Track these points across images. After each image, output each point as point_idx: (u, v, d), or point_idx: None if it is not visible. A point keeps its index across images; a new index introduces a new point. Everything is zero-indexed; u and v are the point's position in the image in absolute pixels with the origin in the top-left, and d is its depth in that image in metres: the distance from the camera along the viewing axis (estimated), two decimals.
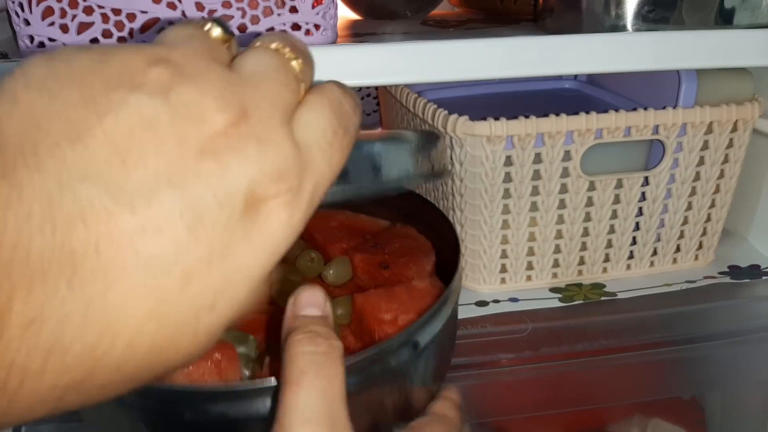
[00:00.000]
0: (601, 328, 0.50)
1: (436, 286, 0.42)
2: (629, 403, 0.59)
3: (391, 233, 0.48)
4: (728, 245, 0.62)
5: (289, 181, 0.18)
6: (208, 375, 0.33)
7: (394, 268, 0.43)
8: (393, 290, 0.40)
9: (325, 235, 0.48)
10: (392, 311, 0.38)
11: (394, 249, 0.45)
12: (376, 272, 0.44)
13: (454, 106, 0.51)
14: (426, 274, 0.43)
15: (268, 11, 0.42)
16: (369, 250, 0.45)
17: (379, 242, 0.46)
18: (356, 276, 0.45)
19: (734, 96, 0.53)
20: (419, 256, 0.44)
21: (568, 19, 0.49)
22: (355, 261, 0.45)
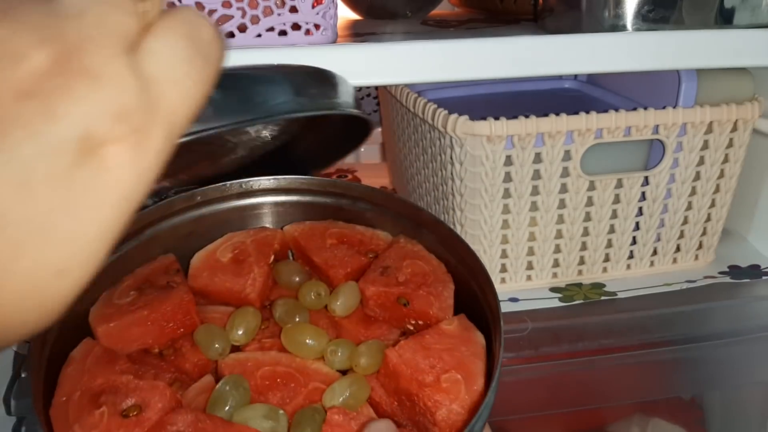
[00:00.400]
0: (601, 327, 0.50)
1: (465, 327, 0.39)
2: (629, 403, 0.59)
3: (398, 251, 0.44)
4: (728, 245, 0.62)
5: (133, 121, 0.16)
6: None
7: (414, 304, 0.40)
8: (424, 339, 0.37)
9: (324, 258, 0.44)
10: (433, 371, 0.36)
11: (408, 276, 0.41)
12: (394, 307, 0.41)
13: (454, 106, 0.51)
14: (449, 309, 0.40)
15: (268, 11, 0.42)
16: (380, 279, 0.41)
17: (388, 264, 0.42)
18: (367, 307, 0.42)
19: (734, 96, 0.53)
20: (438, 286, 0.41)
21: (568, 19, 0.49)
22: (368, 293, 0.41)
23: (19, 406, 0.44)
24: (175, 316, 0.39)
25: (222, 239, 0.45)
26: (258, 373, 0.37)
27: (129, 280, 0.41)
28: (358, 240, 0.46)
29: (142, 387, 0.34)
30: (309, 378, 0.37)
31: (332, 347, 0.38)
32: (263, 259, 0.43)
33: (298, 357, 0.38)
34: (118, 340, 0.37)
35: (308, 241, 0.45)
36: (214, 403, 0.35)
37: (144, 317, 0.38)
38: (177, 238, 0.44)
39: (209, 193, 0.45)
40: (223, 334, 0.39)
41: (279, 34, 0.43)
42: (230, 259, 0.43)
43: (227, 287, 0.42)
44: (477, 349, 0.37)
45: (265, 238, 0.45)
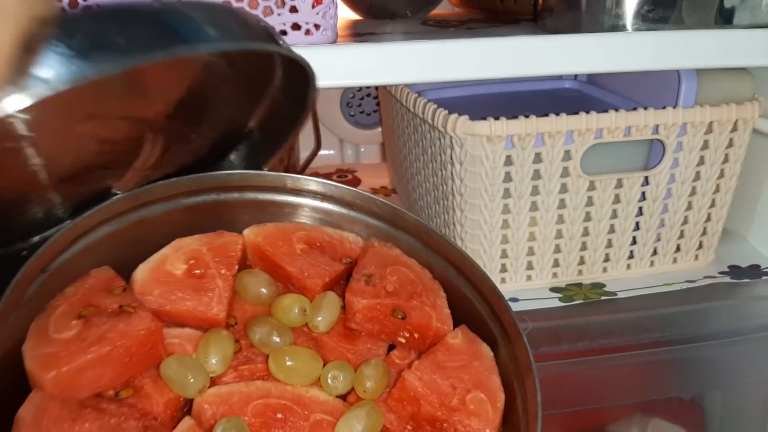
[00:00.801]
0: (601, 327, 0.50)
1: (469, 339, 0.37)
2: (629, 403, 0.59)
3: (376, 257, 0.40)
4: (728, 245, 0.62)
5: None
6: None
7: (412, 317, 0.37)
8: (437, 359, 0.35)
9: (299, 266, 0.39)
10: (456, 393, 0.33)
11: (395, 285, 0.38)
12: (387, 320, 0.37)
13: (454, 106, 0.51)
14: (448, 319, 0.38)
15: (268, 11, 0.42)
16: (368, 290, 0.38)
17: (371, 272, 0.39)
18: (353, 321, 0.37)
19: (734, 96, 0.53)
20: (430, 295, 0.38)
21: (568, 19, 0.49)
22: (357, 307, 0.37)
23: None
24: (141, 350, 0.32)
25: (169, 247, 0.38)
26: (248, 409, 0.32)
27: (62, 304, 0.33)
28: (328, 244, 0.41)
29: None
30: (308, 409, 0.33)
31: (333, 372, 0.34)
32: (227, 270, 0.37)
33: (289, 385, 0.34)
34: (69, 388, 0.30)
35: (276, 247, 0.39)
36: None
37: (105, 356, 0.31)
38: (112, 248, 0.37)
39: (155, 191, 0.38)
40: (198, 365, 0.33)
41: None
42: (185, 271, 0.37)
43: (188, 308, 0.35)
44: (488, 363, 0.36)
45: (226, 245, 0.39)
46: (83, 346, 0.31)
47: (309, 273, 0.38)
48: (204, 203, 0.40)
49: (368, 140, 0.91)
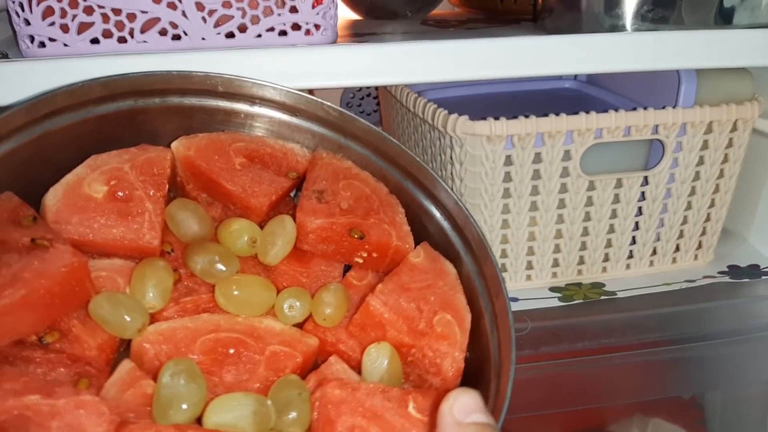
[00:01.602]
0: (600, 327, 0.50)
1: (432, 257, 0.34)
2: (629, 403, 0.59)
3: (327, 170, 0.35)
4: (728, 245, 0.62)
5: None
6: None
7: (371, 236, 0.34)
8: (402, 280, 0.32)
9: (240, 184, 0.34)
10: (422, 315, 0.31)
11: (350, 202, 0.34)
12: (345, 240, 0.34)
13: (454, 106, 0.51)
14: (409, 236, 0.35)
15: (268, 11, 0.42)
16: (321, 208, 0.34)
17: (322, 188, 0.35)
18: (305, 242, 0.33)
19: (734, 96, 0.53)
20: (388, 211, 0.35)
21: (567, 19, 0.49)
22: (310, 227, 0.33)
23: None
24: (66, 289, 0.27)
25: (84, 166, 0.32)
26: (195, 346, 0.28)
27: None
28: (270, 156, 0.36)
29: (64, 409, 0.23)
30: (263, 341, 0.30)
31: (289, 301, 0.31)
32: (157, 191, 0.32)
33: (240, 317, 0.30)
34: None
35: (211, 162, 0.34)
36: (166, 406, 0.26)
37: (21, 301, 0.26)
38: (13, 170, 0.31)
39: (58, 99, 0.32)
40: (134, 302, 0.29)
41: (279, 35, 0.43)
42: (107, 194, 0.31)
43: (115, 236, 0.30)
44: (452, 281, 0.34)
45: (151, 161, 0.33)
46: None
47: (252, 191, 0.34)
48: (119, 111, 0.34)
49: None
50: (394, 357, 0.31)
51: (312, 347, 0.31)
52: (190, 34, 0.41)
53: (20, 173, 0.31)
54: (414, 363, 0.31)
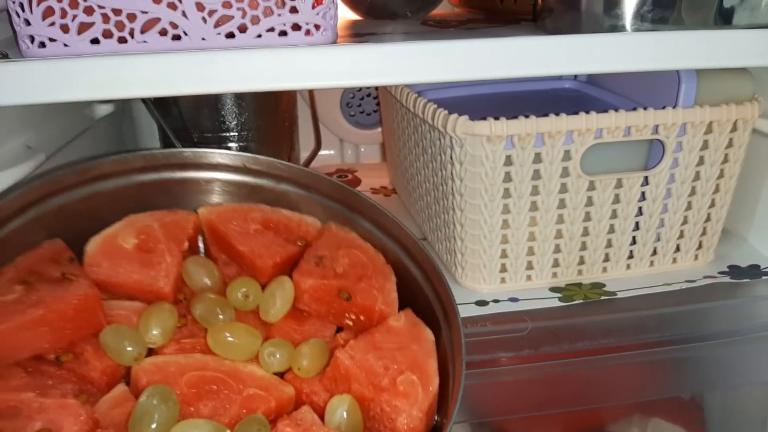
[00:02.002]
0: (600, 327, 0.50)
1: (412, 323, 0.37)
2: (629, 403, 0.59)
3: (331, 239, 0.40)
4: (728, 245, 0.62)
5: None
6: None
7: (357, 298, 0.37)
8: (375, 339, 0.35)
9: (250, 246, 0.39)
10: (388, 373, 0.33)
11: (345, 267, 0.38)
12: (333, 301, 0.37)
13: (454, 106, 0.51)
14: (394, 303, 0.38)
15: (268, 11, 0.42)
16: (316, 270, 0.38)
17: (323, 254, 0.39)
18: (300, 301, 0.37)
19: (734, 96, 0.53)
20: (379, 278, 0.38)
21: (567, 19, 0.49)
22: (304, 287, 0.37)
23: None
24: (79, 315, 0.33)
25: (122, 222, 0.39)
26: (183, 380, 0.32)
27: (9, 271, 0.34)
28: (284, 226, 0.41)
29: (50, 407, 0.28)
30: (243, 383, 0.33)
31: (269, 349, 0.35)
32: (176, 247, 0.38)
33: (227, 360, 0.34)
34: (5, 347, 0.31)
35: (228, 227, 0.40)
36: (138, 421, 0.29)
37: (39, 318, 0.32)
38: (65, 220, 0.38)
39: (106, 166, 0.39)
40: (137, 335, 0.34)
41: (279, 35, 0.43)
42: (135, 246, 0.38)
43: (135, 280, 0.36)
44: (428, 347, 0.36)
45: (176, 222, 0.39)
46: (21, 308, 0.31)
47: (259, 253, 0.38)
48: (157, 180, 0.41)
49: (368, 140, 0.91)
50: (353, 408, 0.33)
51: (287, 395, 0.34)
52: (190, 34, 0.41)
53: (69, 223, 0.37)
54: (375, 418, 0.33)
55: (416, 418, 0.33)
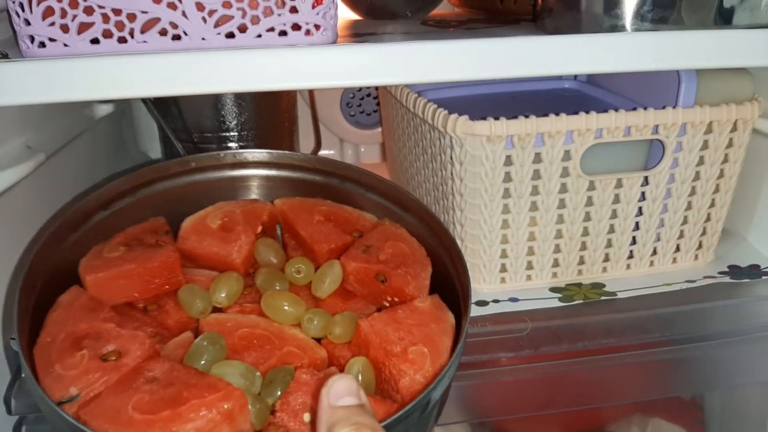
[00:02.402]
0: (600, 327, 0.50)
1: (437, 306, 0.40)
2: (629, 403, 0.59)
3: (382, 233, 0.45)
4: (728, 245, 0.62)
5: None
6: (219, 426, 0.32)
7: (392, 281, 0.42)
8: (397, 314, 0.39)
9: (310, 233, 0.45)
10: (401, 343, 0.37)
11: (388, 255, 0.43)
12: (372, 283, 0.42)
13: (454, 106, 0.51)
14: (425, 289, 0.42)
15: (268, 11, 0.42)
16: (362, 256, 0.43)
17: (371, 244, 0.44)
18: (347, 282, 0.43)
19: (734, 96, 0.53)
20: (416, 267, 0.43)
21: (567, 19, 0.49)
22: (349, 269, 0.43)
23: (20, 405, 0.44)
24: (162, 272, 0.41)
25: (213, 207, 0.47)
26: (236, 333, 0.38)
27: (119, 237, 0.43)
28: (344, 219, 0.47)
29: (123, 335, 0.36)
30: (284, 342, 0.39)
31: (309, 315, 0.40)
32: (251, 229, 0.45)
33: (276, 322, 0.40)
34: (105, 291, 0.39)
35: (297, 216, 0.46)
36: (190, 356, 0.36)
37: (131, 270, 0.40)
38: (168, 201, 0.46)
39: (203, 161, 0.47)
40: (206, 294, 0.41)
41: (279, 35, 0.43)
42: (219, 225, 0.45)
43: (214, 251, 0.44)
44: (446, 327, 0.39)
45: (254, 210, 0.47)
46: (119, 262, 0.40)
47: (317, 238, 0.45)
48: (245, 176, 0.48)
49: (368, 140, 0.91)
50: (367, 368, 0.37)
51: (319, 356, 0.39)
52: (190, 34, 0.41)
53: (171, 205, 0.46)
54: (385, 380, 0.37)
55: (417, 382, 0.36)
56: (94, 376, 0.33)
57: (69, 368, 0.34)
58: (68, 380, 0.33)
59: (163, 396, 0.32)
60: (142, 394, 0.33)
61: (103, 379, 0.34)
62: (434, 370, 0.37)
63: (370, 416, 0.28)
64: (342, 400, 0.29)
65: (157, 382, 0.33)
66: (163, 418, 0.31)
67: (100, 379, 0.33)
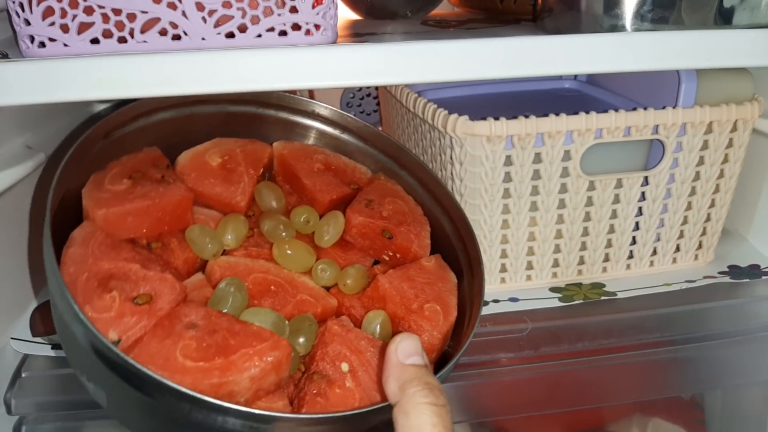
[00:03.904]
0: (600, 327, 0.50)
1: (440, 266, 0.43)
2: (629, 403, 0.59)
3: (380, 188, 0.47)
4: (728, 245, 0.62)
5: None
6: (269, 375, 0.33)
7: (397, 239, 0.43)
8: (409, 272, 0.41)
9: (313, 181, 0.45)
10: (417, 300, 0.40)
11: (390, 212, 0.45)
12: (376, 238, 0.44)
13: (454, 106, 0.51)
14: (427, 248, 0.44)
15: (268, 11, 0.42)
16: (366, 211, 0.44)
17: (372, 198, 0.45)
18: (348, 234, 0.44)
19: (734, 96, 0.53)
20: (416, 225, 0.45)
21: (567, 19, 0.49)
22: (354, 222, 0.44)
23: (20, 405, 0.44)
24: (174, 211, 0.40)
25: (211, 143, 0.46)
26: (250, 278, 0.39)
27: (117, 167, 0.41)
28: (341, 170, 0.48)
29: (152, 277, 0.35)
30: (297, 289, 0.40)
31: (322, 266, 0.41)
32: (253, 171, 0.45)
33: (286, 269, 0.41)
34: (114, 226, 0.38)
35: (298, 162, 0.46)
36: (217, 302, 0.36)
37: (144, 208, 0.39)
38: (163, 133, 0.45)
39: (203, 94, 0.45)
40: (216, 235, 0.41)
41: (279, 35, 0.43)
42: (220, 164, 0.44)
43: (217, 192, 0.43)
44: (450, 287, 0.42)
45: (256, 151, 0.46)
46: (129, 197, 0.39)
47: (320, 188, 0.45)
48: (244, 113, 0.48)
49: None
50: (386, 322, 0.39)
51: (331, 305, 0.40)
52: (190, 34, 0.41)
53: (168, 136, 0.44)
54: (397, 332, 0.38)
55: (436, 338, 0.39)
56: (131, 320, 0.32)
57: (102, 311, 0.32)
58: (104, 323, 0.32)
59: (210, 343, 0.32)
60: (187, 341, 0.32)
61: (141, 323, 0.32)
62: (446, 327, 0.39)
63: (434, 377, 0.30)
64: (411, 359, 0.30)
65: (198, 328, 0.33)
66: (219, 367, 0.31)
67: (138, 324, 0.32)
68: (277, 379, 0.34)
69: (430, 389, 0.28)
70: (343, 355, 0.35)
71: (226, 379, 0.31)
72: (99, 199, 0.38)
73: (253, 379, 0.32)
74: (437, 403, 0.28)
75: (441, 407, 0.28)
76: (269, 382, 0.33)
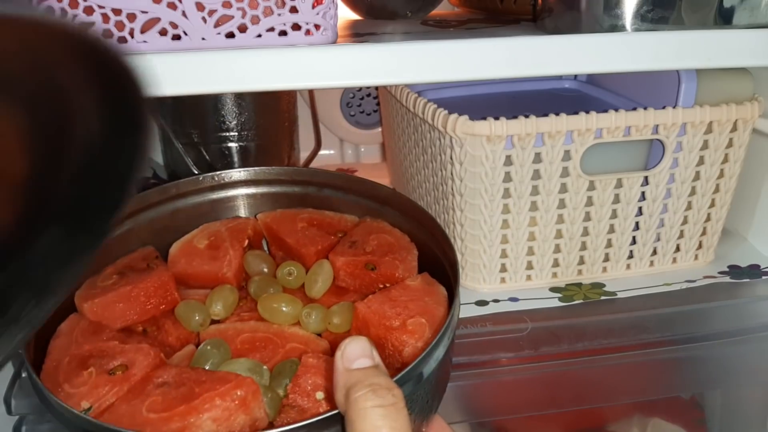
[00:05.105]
0: (600, 327, 0.50)
1: (427, 282, 0.42)
2: (629, 403, 0.59)
3: (364, 229, 0.47)
4: (728, 245, 0.62)
5: None
6: (235, 414, 0.33)
7: (381, 269, 0.43)
8: (391, 294, 0.40)
9: (296, 239, 0.46)
10: (399, 317, 0.38)
11: (374, 247, 0.44)
12: (363, 274, 0.43)
13: (454, 106, 0.51)
14: (414, 270, 0.43)
15: (268, 11, 0.42)
16: (349, 251, 0.44)
17: (356, 240, 0.45)
18: (338, 278, 0.44)
19: (734, 96, 0.53)
20: (402, 252, 0.44)
21: (567, 19, 0.49)
22: (338, 264, 0.44)
23: (20, 405, 0.44)
24: (157, 291, 0.42)
25: (198, 229, 0.48)
26: (238, 339, 0.40)
27: (110, 269, 0.43)
28: (327, 223, 0.49)
29: (128, 349, 0.37)
30: (286, 340, 0.40)
31: (306, 310, 0.41)
32: (238, 243, 0.46)
33: (275, 324, 0.41)
34: (102, 316, 0.40)
35: (280, 225, 0.48)
36: (196, 360, 0.37)
37: (126, 292, 0.40)
38: (154, 231, 0.47)
39: (183, 186, 0.48)
40: (203, 307, 0.42)
41: (279, 35, 0.43)
42: (206, 245, 0.46)
43: (205, 270, 0.45)
44: (439, 299, 0.41)
45: (238, 225, 0.48)
46: (114, 287, 0.41)
47: (303, 242, 0.46)
48: (226, 198, 0.50)
49: (368, 140, 0.91)
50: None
51: (322, 347, 0.40)
52: (190, 34, 0.41)
53: (158, 234, 0.47)
54: (390, 355, 0.38)
55: (421, 349, 0.36)
56: (104, 389, 0.34)
57: (78, 386, 0.34)
58: (79, 396, 0.34)
59: (176, 395, 0.33)
60: (154, 397, 0.33)
61: (113, 390, 0.34)
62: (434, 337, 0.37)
63: (385, 376, 0.28)
64: (357, 362, 0.29)
65: (168, 385, 0.34)
66: (180, 413, 0.32)
67: (111, 391, 0.34)
68: (250, 420, 0.33)
69: (374, 390, 0.27)
70: (317, 384, 0.35)
71: (186, 422, 0.31)
72: (87, 295, 0.40)
73: (217, 420, 0.32)
74: (383, 404, 0.26)
75: (388, 407, 0.26)
76: (240, 423, 0.33)
